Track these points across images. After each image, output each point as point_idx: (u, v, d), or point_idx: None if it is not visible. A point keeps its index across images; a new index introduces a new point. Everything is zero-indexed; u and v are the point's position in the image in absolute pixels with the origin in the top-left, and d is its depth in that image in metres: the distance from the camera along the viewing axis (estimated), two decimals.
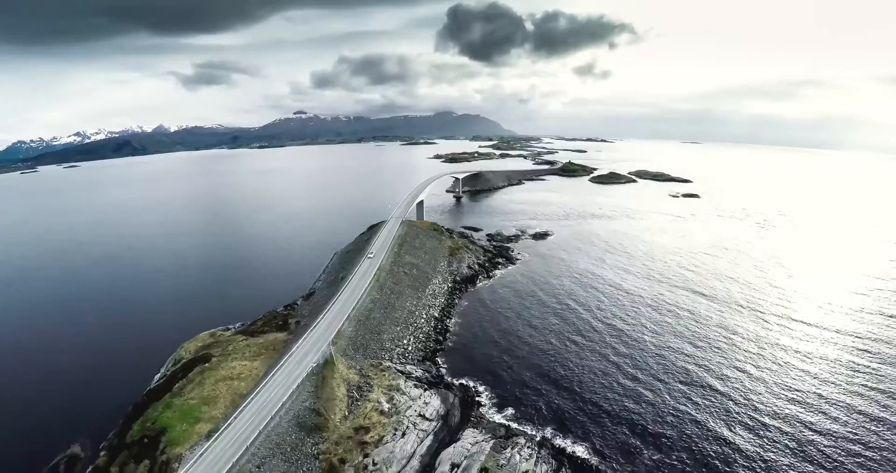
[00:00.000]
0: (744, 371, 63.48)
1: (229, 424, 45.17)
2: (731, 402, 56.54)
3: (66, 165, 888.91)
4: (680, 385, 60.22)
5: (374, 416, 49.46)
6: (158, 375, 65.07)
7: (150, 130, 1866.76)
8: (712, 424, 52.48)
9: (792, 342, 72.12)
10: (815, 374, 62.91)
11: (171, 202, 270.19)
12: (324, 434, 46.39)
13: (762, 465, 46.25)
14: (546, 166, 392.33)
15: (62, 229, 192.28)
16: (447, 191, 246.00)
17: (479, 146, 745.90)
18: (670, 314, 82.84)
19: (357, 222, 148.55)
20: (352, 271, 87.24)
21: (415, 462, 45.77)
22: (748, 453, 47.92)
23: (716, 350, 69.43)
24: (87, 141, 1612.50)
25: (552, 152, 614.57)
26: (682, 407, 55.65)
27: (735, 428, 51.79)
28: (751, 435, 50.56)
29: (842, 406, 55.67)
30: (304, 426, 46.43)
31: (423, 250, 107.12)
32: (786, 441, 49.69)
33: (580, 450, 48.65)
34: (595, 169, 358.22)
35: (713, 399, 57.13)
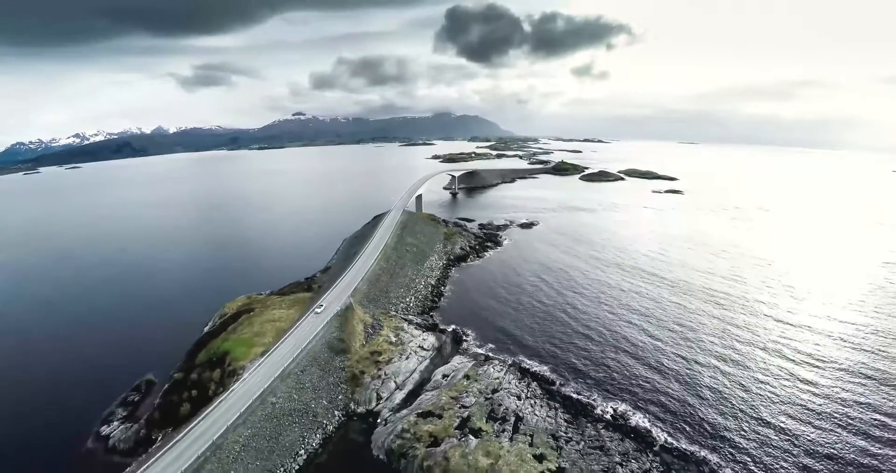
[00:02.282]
0: (669, 330, 77.74)
1: (278, 346, 60.71)
2: (658, 342, 72.29)
3: (69, 166, 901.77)
4: (619, 334, 75.65)
5: (384, 345, 64.97)
6: (207, 327, 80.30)
7: (148, 132, 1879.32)
8: (640, 360, 67.76)
9: (718, 311, 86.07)
10: (737, 335, 76.43)
11: (188, 200, 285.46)
12: (347, 355, 61.88)
13: (676, 389, 61.48)
14: (540, 166, 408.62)
15: (91, 224, 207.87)
16: (444, 188, 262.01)
17: (477, 147, 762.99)
18: (620, 289, 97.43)
19: (361, 215, 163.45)
20: (360, 250, 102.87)
21: (416, 375, 61.35)
22: (661, 381, 63.13)
23: (652, 314, 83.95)
24: (87, 142, 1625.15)
25: (548, 153, 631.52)
26: (620, 347, 71.28)
27: (663, 362, 67.30)
28: (662, 368, 65.89)
29: (752, 359, 69.69)
30: (334, 349, 61.95)
31: (422, 234, 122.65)
32: (686, 372, 65.35)
33: (540, 369, 64.19)
34: (586, 168, 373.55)
35: (644, 344, 72.41)
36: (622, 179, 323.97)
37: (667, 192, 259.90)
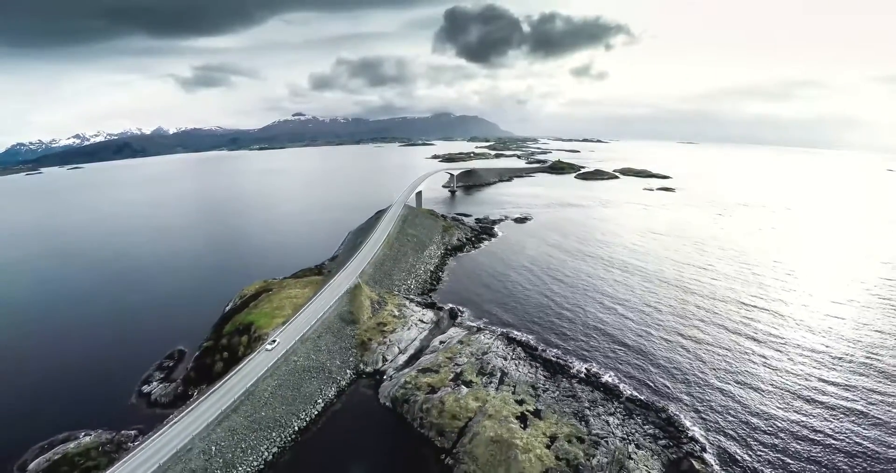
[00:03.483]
0: (639, 311, 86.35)
1: (297, 317, 69.41)
2: (628, 321, 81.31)
3: (70, 166, 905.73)
4: (595, 314, 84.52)
5: (389, 318, 73.71)
6: (229, 306, 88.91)
7: (148, 133, 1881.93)
8: (612, 335, 76.60)
9: (686, 296, 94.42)
10: (701, 317, 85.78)
11: (198, 198, 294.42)
12: (357, 325, 70.65)
13: (641, 358, 70.29)
14: (537, 165, 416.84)
15: (107, 221, 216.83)
16: (443, 186, 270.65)
17: (476, 147, 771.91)
18: (599, 276, 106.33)
19: (363, 211, 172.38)
20: (365, 240, 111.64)
21: (416, 343, 70.11)
22: (629, 351, 72.21)
23: (625, 297, 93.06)
24: (87, 143, 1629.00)
25: (545, 152, 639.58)
26: (595, 324, 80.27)
27: (631, 336, 76.12)
28: (631, 341, 75.10)
29: (712, 336, 79.47)
30: (345, 319, 70.74)
31: (422, 226, 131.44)
32: (652, 345, 74.24)
33: (524, 338, 72.94)
34: (582, 167, 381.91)
35: (616, 322, 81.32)
36: (616, 177, 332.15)
37: (658, 189, 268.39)
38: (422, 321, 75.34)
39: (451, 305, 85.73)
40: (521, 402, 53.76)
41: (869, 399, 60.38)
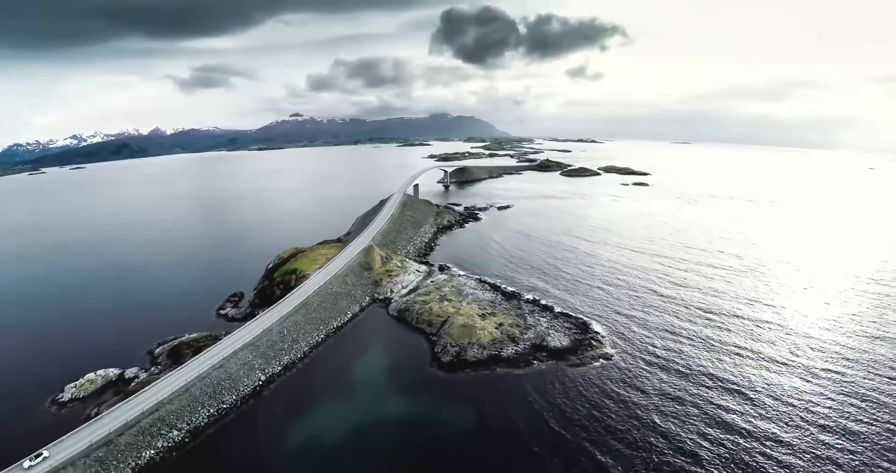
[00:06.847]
0: (577, 268, 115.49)
1: (328, 264, 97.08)
2: (569, 284, 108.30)
3: (72, 166, 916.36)
4: (544, 270, 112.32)
5: (394, 268, 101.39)
6: (271, 264, 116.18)
7: (146, 133, 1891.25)
8: (555, 281, 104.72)
9: (617, 257, 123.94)
10: (626, 270, 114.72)
11: (211, 196, 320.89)
12: (371, 271, 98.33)
13: (575, 296, 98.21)
14: (526, 163, 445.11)
15: (142, 213, 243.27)
16: (437, 182, 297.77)
17: (471, 147, 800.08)
18: (552, 246, 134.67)
19: (366, 203, 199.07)
20: (372, 219, 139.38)
21: (414, 283, 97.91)
22: (567, 292, 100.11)
23: (570, 260, 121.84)
24: (84, 144, 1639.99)
25: (538, 152, 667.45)
26: (537, 281, 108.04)
27: (565, 282, 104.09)
28: (569, 287, 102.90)
29: (629, 286, 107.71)
30: (363, 267, 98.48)
31: (419, 210, 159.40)
32: (585, 289, 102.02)
33: (492, 281, 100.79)
34: (569, 165, 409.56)
35: (558, 281, 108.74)
36: (598, 174, 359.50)
37: (633, 184, 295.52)
38: (418, 271, 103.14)
39: (441, 262, 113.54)
40: (482, 309, 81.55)
41: (724, 327, 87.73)
